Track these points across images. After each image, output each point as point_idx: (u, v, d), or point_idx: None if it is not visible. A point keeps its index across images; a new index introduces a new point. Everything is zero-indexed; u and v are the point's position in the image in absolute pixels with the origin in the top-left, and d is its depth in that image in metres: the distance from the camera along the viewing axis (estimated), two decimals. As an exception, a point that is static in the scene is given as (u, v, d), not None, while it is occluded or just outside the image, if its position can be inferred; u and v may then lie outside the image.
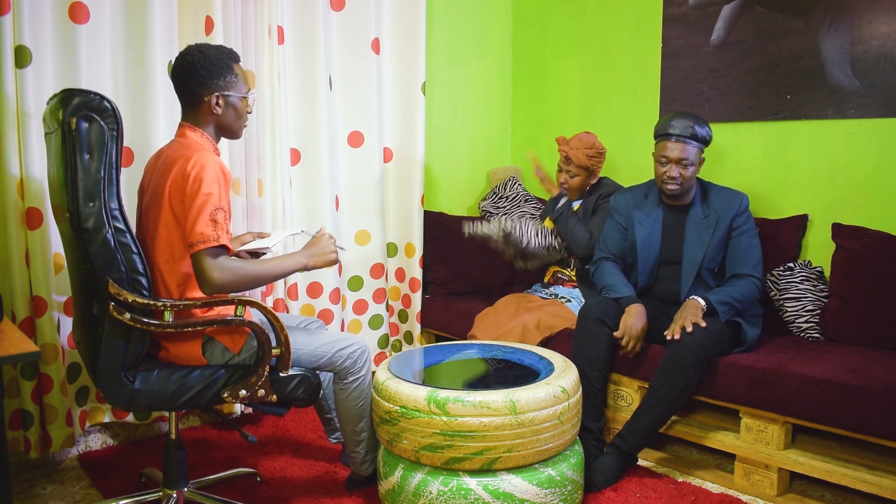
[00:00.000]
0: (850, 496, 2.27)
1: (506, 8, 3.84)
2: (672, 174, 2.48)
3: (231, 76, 1.98)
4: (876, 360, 2.25)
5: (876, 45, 2.55)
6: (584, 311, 2.53)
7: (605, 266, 2.68)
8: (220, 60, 1.96)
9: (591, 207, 2.97)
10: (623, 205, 2.70)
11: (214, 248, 1.80)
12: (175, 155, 1.87)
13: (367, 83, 3.16)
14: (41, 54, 2.26)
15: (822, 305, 2.60)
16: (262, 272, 1.90)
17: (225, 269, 1.81)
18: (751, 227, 2.54)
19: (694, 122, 2.48)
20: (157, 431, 2.76)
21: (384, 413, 2.05)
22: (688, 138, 2.47)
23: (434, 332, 3.40)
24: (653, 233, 2.60)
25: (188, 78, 1.94)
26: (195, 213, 1.79)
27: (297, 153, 3.00)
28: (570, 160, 2.92)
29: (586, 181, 2.98)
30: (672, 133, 2.49)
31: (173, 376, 1.88)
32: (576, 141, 2.93)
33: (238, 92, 2.00)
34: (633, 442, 2.34)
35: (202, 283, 1.82)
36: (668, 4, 3.14)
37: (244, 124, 2.07)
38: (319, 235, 2.06)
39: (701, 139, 2.49)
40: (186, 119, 2.00)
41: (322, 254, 2.02)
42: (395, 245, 3.40)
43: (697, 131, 2.47)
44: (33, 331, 2.31)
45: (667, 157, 2.49)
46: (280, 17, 2.84)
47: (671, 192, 2.53)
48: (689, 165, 2.47)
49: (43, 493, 2.30)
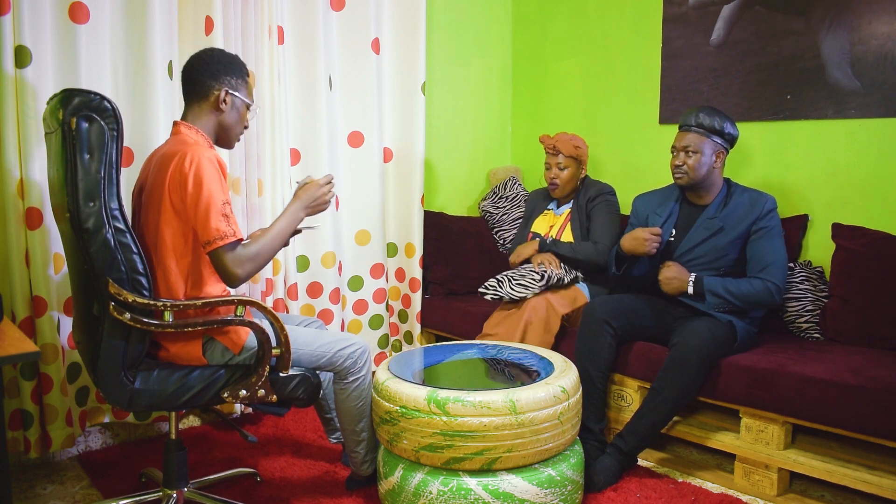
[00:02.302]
0: (850, 496, 2.27)
1: (506, 8, 3.84)
2: (676, 162, 2.51)
3: (242, 80, 2.04)
4: (876, 360, 2.25)
5: (876, 45, 2.55)
6: (589, 311, 2.52)
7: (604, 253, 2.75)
8: (236, 63, 2.03)
9: (585, 212, 2.96)
10: (641, 208, 2.72)
11: (232, 242, 1.82)
12: (170, 152, 1.87)
13: (367, 83, 3.16)
14: (41, 54, 2.26)
15: (822, 305, 2.60)
16: (272, 242, 1.94)
17: (244, 260, 1.85)
18: (771, 229, 2.46)
19: (704, 112, 2.49)
20: (157, 431, 2.76)
21: (384, 413, 2.05)
22: (693, 126, 2.49)
23: (434, 332, 3.40)
24: (665, 228, 2.60)
25: (203, 69, 1.98)
26: (204, 211, 1.80)
27: (297, 153, 3.00)
28: (559, 150, 2.94)
29: (576, 173, 2.98)
30: (680, 123, 2.56)
31: (173, 376, 1.88)
32: (560, 134, 2.98)
33: (244, 97, 2.04)
34: (633, 443, 2.34)
35: (228, 280, 1.85)
36: (668, 4, 3.14)
37: (239, 135, 2.09)
38: (309, 183, 2.06)
39: (709, 128, 2.47)
40: (186, 117, 2.01)
41: (315, 199, 2.04)
42: (395, 245, 3.40)
43: (704, 120, 2.47)
44: (33, 331, 2.31)
45: (674, 146, 2.54)
46: (280, 17, 2.84)
47: (679, 183, 2.54)
48: (692, 153, 2.47)
49: (43, 493, 2.30)
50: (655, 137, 3.26)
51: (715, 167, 2.51)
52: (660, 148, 3.23)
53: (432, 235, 3.40)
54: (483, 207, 3.66)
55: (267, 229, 1.98)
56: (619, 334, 2.49)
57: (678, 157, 2.52)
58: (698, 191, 2.56)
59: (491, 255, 3.50)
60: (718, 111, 2.51)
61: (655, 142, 3.26)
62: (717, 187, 2.56)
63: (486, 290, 2.81)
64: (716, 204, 2.55)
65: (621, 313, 2.50)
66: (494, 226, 3.59)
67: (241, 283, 1.88)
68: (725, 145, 2.51)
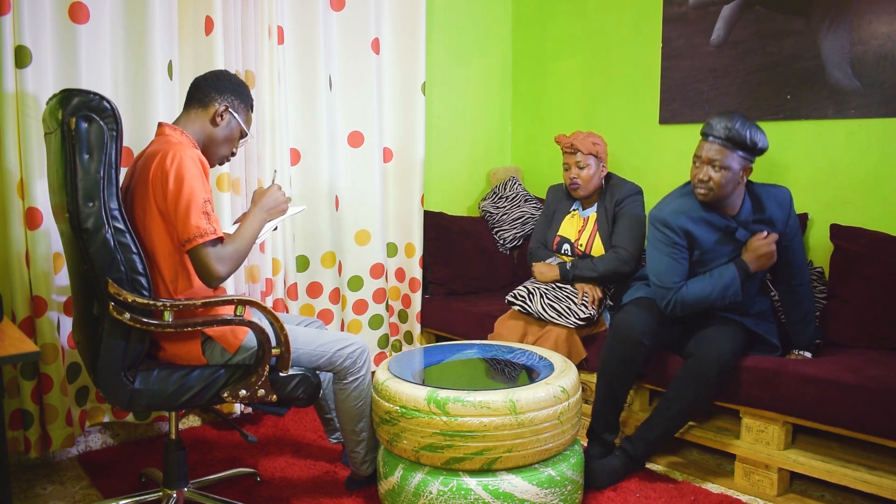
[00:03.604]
0: (850, 496, 2.27)
1: (506, 8, 3.84)
2: (701, 176, 2.25)
3: (245, 106, 2.06)
4: (876, 361, 2.25)
5: (876, 45, 2.55)
6: (624, 330, 2.32)
7: (683, 295, 2.32)
8: (246, 92, 2.08)
9: (611, 216, 2.78)
10: (683, 223, 2.33)
11: (213, 240, 1.81)
12: (153, 151, 1.87)
13: (367, 83, 3.16)
14: (41, 54, 2.26)
15: (821, 306, 2.59)
16: (245, 243, 1.92)
17: (224, 259, 1.84)
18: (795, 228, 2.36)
19: (738, 123, 2.20)
20: (157, 431, 2.76)
21: (384, 413, 2.05)
22: (723, 139, 2.21)
23: (434, 332, 3.40)
24: (717, 243, 2.35)
25: (213, 82, 2.01)
26: (185, 208, 1.79)
27: (297, 153, 3.00)
28: (577, 148, 2.77)
29: (597, 172, 2.79)
30: (707, 132, 2.25)
31: (173, 376, 1.88)
32: (576, 133, 2.83)
33: (243, 122, 2.06)
34: (643, 449, 2.32)
35: (207, 279, 1.83)
36: (668, 4, 3.14)
37: (223, 158, 2.09)
38: (265, 189, 2.06)
39: (739, 143, 2.19)
40: (178, 121, 2.01)
41: (275, 203, 2.05)
42: (395, 245, 3.40)
43: (736, 134, 2.18)
44: (33, 331, 2.31)
45: (698, 156, 2.27)
46: (280, 17, 2.84)
47: (702, 199, 2.28)
48: (720, 168, 2.21)
49: (43, 493, 2.30)
50: (655, 137, 3.25)
51: (741, 182, 2.27)
52: (660, 148, 3.23)
53: (432, 235, 3.39)
54: (483, 207, 3.66)
55: (238, 230, 1.95)
56: (651, 350, 2.38)
57: (702, 170, 2.24)
58: (721, 205, 2.31)
59: (491, 255, 3.50)
60: (750, 121, 2.23)
61: (655, 142, 3.25)
62: (741, 197, 2.31)
63: (514, 299, 2.72)
64: (746, 209, 2.32)
65: (654, 328, 2.34)
66: (494, 226, 3.59)
67: (220, 283, 1.86)
68: (753, 159, 2.26)
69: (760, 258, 2.28)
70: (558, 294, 2.70)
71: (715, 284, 2.29)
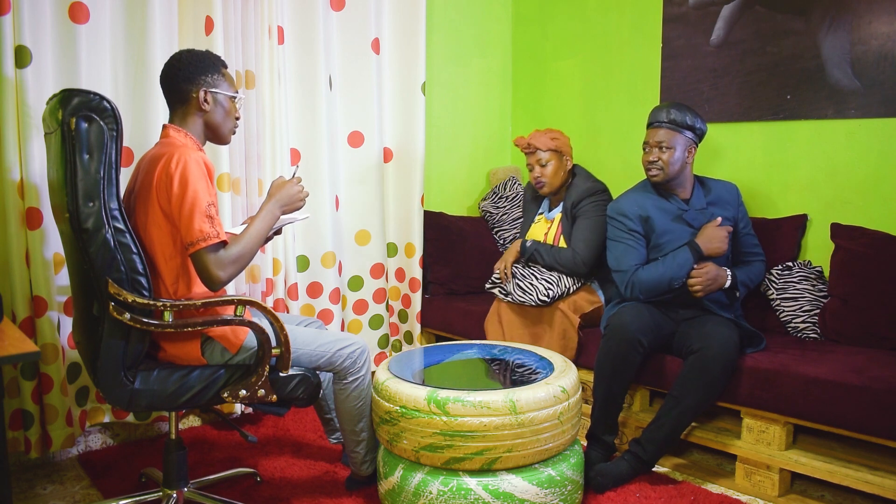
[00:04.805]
0: (851, 497, 2.27)
1: (506, 8, 3.84)
2: (651, 158, 2.49)
3: (218, 75, 2.00)
4: (878, 361, 2.25)
5: (876, 45, 2.55)
6: (620, 330, 2.35)
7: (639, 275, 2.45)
8: (208, 60, 1.99)
9: (570, 217, 2.82)
10: (633, 208, 2.53)
11: (215, 244, 1.80)
12: (158, 154, 1.87)
13: (367, 83, 3.16)
14: (41, 54, 2.26)
15: (820, 305, 2.59)
16: (253, 244, 1.90)
17: (226, 263, 1.82)
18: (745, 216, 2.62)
19: (675, 107, 2.48)
20: (157, 431, 2.76)
21: (384, 413, 2.05)
22: (665, 122, 2.48)
23: (434, 332, 3.40)
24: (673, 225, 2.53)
25: (176, 75, 1.95)
26: (189, 212, 1.79)
27: (297, 153, 3.00)
28: (536, 147, 2.82)
29: (561, 167, 2.84)
30: (652, 121, 2.53)
31: (173, 376, 1.88)
32: (534, 132, 2.88)
33: (225, 91, 2.01)
34: (652, 451, 2.32)
35: (209, 282, 1.82)
36: (668, 4, 3.13)
37: (233, 129, 2.06)
38: (280, 182, 2.03)
39: (680, 123, 2.46)
40: (173, 121, 2.00)
41: (292, 196, 2.01)
42: (395, 245, 3.40)
43: (676, 116, 2.46)
44: (33, 331, 2.31)
45: (647, 142, 2.52)
46: (280, 17, 2.84)
47: (654, 179, 2.50)
48: (666, 149, 2.45)
49: (43, 493, 2.30)
50: (655, 137, 3.25)
51: (687, 162, 2.50)
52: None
53: (432, 235, 3.39)
54: (483, 207, 3.66)
55: (244, 231, 1.92)
56: (648, 350, 2.39)
57: (651, 152, 2.49)
58: (672, 186, 2.53)
59: (491, 255, 3.50)
60: (687, 107, 2.51)
61: (655, 142, 3.25)
62: (691, 182, 2.55)
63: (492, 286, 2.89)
64: (698, 195, 2.54)
65: (651, 328, 2.38)
66: (494, 226, 3.59)
67: (222, 287, 1.85)
68: (696, 140, 2.51)
69: (712, 240, 2.45)
70: (524, 272, 2.80)
71: (668, 265, 2.44)
